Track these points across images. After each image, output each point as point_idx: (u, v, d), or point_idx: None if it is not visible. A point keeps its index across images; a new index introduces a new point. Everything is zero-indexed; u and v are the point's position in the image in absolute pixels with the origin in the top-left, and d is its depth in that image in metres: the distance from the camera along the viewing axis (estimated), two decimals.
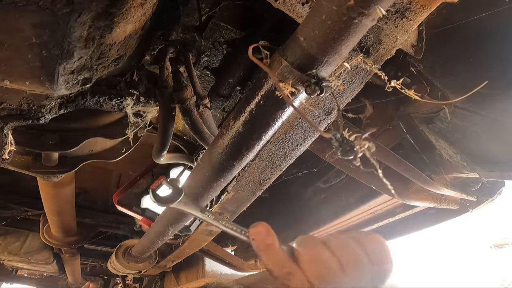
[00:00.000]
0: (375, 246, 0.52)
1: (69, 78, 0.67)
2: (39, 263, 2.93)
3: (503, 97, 0.90)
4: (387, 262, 0.52)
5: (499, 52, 0.83)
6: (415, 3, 0.59)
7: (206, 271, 2.77)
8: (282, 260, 0.50)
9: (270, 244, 0.51)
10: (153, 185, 1.73)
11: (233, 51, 1.28)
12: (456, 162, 1.19)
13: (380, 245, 0.53)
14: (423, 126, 1.20)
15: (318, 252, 0.50)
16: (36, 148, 1.01)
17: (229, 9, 1.20)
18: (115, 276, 4.32)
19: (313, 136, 0.89)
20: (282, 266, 0.50)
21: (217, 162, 0.70)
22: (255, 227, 0.52)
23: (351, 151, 0.40)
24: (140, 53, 0.96)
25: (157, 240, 1.46)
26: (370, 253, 0.51)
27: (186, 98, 0.99)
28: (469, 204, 1.49)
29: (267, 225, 0.52)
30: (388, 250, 0.53)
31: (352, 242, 0.52)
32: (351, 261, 0.49)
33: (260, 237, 0.51)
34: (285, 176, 1.73)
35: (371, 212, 1.85)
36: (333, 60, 0.45)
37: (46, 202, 1.67)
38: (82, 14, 0.54)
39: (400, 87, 0.55)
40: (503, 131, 1.00)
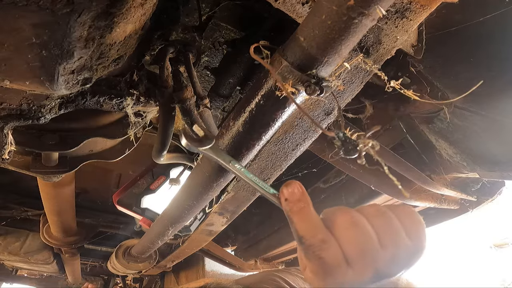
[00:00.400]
0: (412, 220, 0.47)
1: (69, 78, 0.67)
2: (39, 263, 2.93)
3: (503, 97, 0.90)
4: (424, 239, 0.47)
5: (499, 52, 0.83)
6: (415, 3, 0.59)
7: (206, 271, 2.77)
8: (317, 226, 0.45)
9: (305, 206, 0.46)
10: (153, 185, 1.73)
11: (233, 51, 1.28)
12: (456, 162, 1.19)
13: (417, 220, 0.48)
14: (423, 126, 1.20)
15: (355, 218, 0.45)
16: (36, 148, 1.01)
17: (229, 9, 1.20)
18: (115, 276, 4.32)
19: (313, 136, 0.89)
20: (316, 232, 0.44)
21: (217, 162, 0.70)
22: (289, 187, 0.47)
23: (354, 150, 0.40)
24: (140, 53, 0.96)
25: (157, 240, 1.46)
26: (408, 226, 0.46)
27: (186, 98, 0.99)
28: (469, 204, 1.49)
29: (301, 185, 0.47)
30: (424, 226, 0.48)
31: (389, 212, 0.47)
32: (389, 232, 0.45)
33: (294, 197, 0.46)
34: (285, 176, 1.73)
35: None
36: (333, 60, 0.45)
37: (46, 202, 1.67)
38: (82, 14, 0.54)
39: (399, 87, 0.55)
40: (503, 131, 1.00)
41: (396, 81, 0.55)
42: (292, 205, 0.46)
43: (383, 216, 0.46)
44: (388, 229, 0.45)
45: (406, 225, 0.46)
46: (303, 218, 0.45)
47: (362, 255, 0.43)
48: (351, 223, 0.44)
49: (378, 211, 0.47)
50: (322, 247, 0.44)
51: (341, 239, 0.44)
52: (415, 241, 0.46)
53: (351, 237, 0.44)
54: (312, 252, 0.44)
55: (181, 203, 0.99)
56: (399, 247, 0.44)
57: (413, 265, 0.46)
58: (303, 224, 0.45)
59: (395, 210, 0.47)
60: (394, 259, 0.44)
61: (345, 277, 0.44)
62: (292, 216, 0.46)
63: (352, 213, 0.46)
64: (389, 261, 0.44)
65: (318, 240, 0.44)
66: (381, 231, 0.45)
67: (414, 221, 0.47)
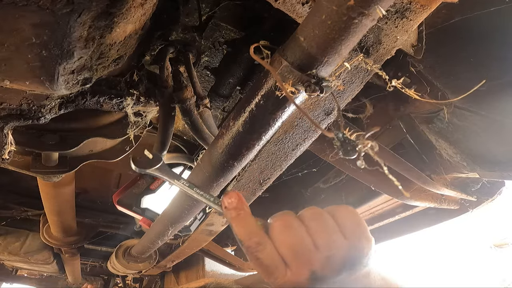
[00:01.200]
0: (350, 220, 0.49)
1: (69, 78, 0.67)
2: (39, 263, 2.93)
3: (503, 97, 0.90)
4: (363, 238, 0.48)
5: (499, 52, 0.83)
6: (415, 3, 0.59)
7: (206, 271, 2.77)
8: (253, 229, 0.48)
9: (241, 213, 0.50)
10: (153, 185, 1.73)
11: (233, 51, 1.28)
12: (456, 162, 1.19)
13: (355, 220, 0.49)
14: (423, 126, 1.20)
15: (289, 221, 0.48)
16: (36, 148, 1.01)
17: (229, 9, 1.20)
18: (115, 276, 4.32)
19: (313, 136, 0.89)
20: (252, 235, 0.48)
21: (217, 162, 0.70)
22: (228, 196, 0.51)
23: (353, 151, 0.40)
24: (140, 53, 0.96)
25: (157, 240, 1.46)
26: (345, 226, 0.48)
27: (186, 98, 0.99)
28: (469, 204, 1.49)
29: (239, 193, 0.51)
30: (364, 225, 0.49)
31: (325, 213, 0.49)
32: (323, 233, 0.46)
33: (232, 206, 0.50)
34: (285, 176, 1.74)
35: (371, 212, 1.85)
36: (333, 60, 0.45)
37: (46, 202, 1.67)
38: (82, 14, 0.54)
39: (400, 86, 0.55)
40: (503, 131, 1.00)
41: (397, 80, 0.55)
42: (230, 212, 0.50)
43: (318, 218, 0.48)
44: (322, 231, 0.47)
45: (342, 225, 0.48)
46: (240, 224, 0.49)
47: (296, 256, 0.46)
48: (284, 226, 0.47)
49: (314, 214, 0.49)
50: (257, 249, 0.47)
51: (276, 242, 0.47)
52: (351, 240, 0.47)
53: (283, 240, 0.47)
54: (251, 253, 0.48)
55: (181, 203, 0.99)
56: (333, 247, 0.46)
57: (355, 264, 0.47)
58: (241, 229, 0.49)
59: (333, 211, 0.49)
60: (329, 259, 0.46)
61: (285, 277, 0.46)
62: (231, 222, 0.50)
63: (287, 217, 0.49)
64: (324, 262, 0.45)
65: (253, 243, 0.47)
66: (315, 233, 0.47)
67: (352, 221, 0.49)
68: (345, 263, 0.47)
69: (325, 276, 0.46)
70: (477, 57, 0.86)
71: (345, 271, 0.47)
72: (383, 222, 1.80)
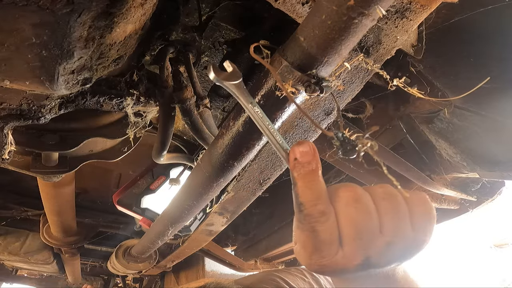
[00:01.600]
0: (423, 210, 0.43)
1: (69, 78, 0.67)
2: (39, 263, 2.93)
3: (503, 97, 0.90)
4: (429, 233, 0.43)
5: (499, 52, 0.83)
6: (415, 3, 0.59)
7: (206, 271, 2.77)
8: (321, 195, 0.40)
9: (313, 170, 0.41)
10: (153, 185, 1.73)
11: (233, 51, 1.28)
12: (456, 162, 1.19)
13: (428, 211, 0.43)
14: (423, 126, 1.20)
15: (359, 195, 0.41)
16: (36, 148, 1.01)
17: (229, 9, 1.20)
18: (115, 276, 4.32)
19: (313, 136, 0.89)
20: (318, 202, 0.40)
21: (217, 162, 0.70)
22: (301, 146, 0.42)
23: (353, 151, 0.39)
24: (140, 53, 0.96)
25: (157, 240, 1.46)
26: (416, 216, 0.42)
27: (186, 98, 0.99)
28: (469, 204, 1.49)
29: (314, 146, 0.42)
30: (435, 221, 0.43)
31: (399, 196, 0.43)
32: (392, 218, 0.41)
33: (305, 159, 0.41)
34: (285, 176, 1.73)
35: None
36: (333, 60, 0.45)
37: (46, 202, 1.67)
38: (82, 14, 0.54)
39: (403, 85, 0.55)
40: (503, 131, 1.00)
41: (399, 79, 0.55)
42: (300, 166, 0.41)
43: (391, 199, 0.42)
44: (392, 214, 0.41)
45: (414, 214, 0.42)
46: (308, 184, 0.41)
47: (358, 237, 0.40)
48: (354, 200, 0.41)
49: (387, 193, 0.42)
50: (319, 220, 0.40)
51: (340, 215, 0.41)
52: (418, 233, 0.42)
53: (350, 214, 0.40)
54: (308, 223, 0.40)
55: (181, 203, 0.99)
56: (398, 236, 0.41)
57: (410, 258, 0.43)
58: (307, 190, 0.41)
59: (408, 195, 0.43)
60: (389, 248, 0.41)
61: (333, 258, 0.40)
62: (297, 178, 0.41)
63: (358, 190, 0.42)
64: (383, 249, 0.40)
65: (317, 211, 0.40)
66: (384, 215, 0.41)
67: (425, 211, 0.43)
68: (403, 254, 0.42)
69: (377, 264, 0.41)
70: (477, 57, 0.86)
71: (397, 263, 0.43)
72: None
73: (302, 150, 0.41)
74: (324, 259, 0.41)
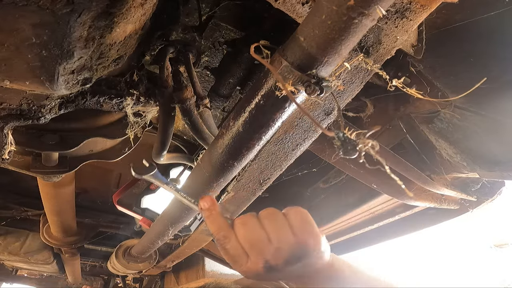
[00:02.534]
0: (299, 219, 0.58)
1: (69, 78, 0.67)
2: (39, 263, 2.93)
3: (503, 97, 0.90)
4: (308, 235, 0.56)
5: (499, 52, 0.83)
6: (415, 3, 0.59)
7: (206, 271, 2.77)
8: (221, 225, 0.59)
9: (213, 212, 0.61)
10: (153, 185, 1.73)
11: (233, 51, 1.28)
12: (456, 162, 1.19)
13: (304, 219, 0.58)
14: (423, 126, 1.20)
15: (246, 219, 0.59)
16: (36, 148, 1.01)
17: (229, 9, 1.20)
18: (115, 276, 4.32)
19: (313, 136, 0.89)
20: (220, 230, 0.59)
21: (217, 162, 0.70)
22: (203, 199, 0.63)
23: (354, 150, 0.40)
24: (140, 53, 0.96)
25: (157, 240, 1.46)
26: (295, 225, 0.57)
27: (186, 98, 0.99)
28: (469, 204, 1.49)
29: (212, 197, 0.64)
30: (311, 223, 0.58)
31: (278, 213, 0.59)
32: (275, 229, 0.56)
33: (205, 207, 0.62)
34: (285, 176, 1.73)
35: (371, 212, 1.85)
36: (333, 60, 0.45)
37: (46, 202, 1.67)
38: (82, 14, 0.54)
39: (402, 86, 0.55)
40: (503, 131, 1.00)
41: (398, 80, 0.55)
42: (204, 212, 0.62)
43: (271, 216, 0.58)
44: (273, 227, 0.56)
45: (292, 224, 0.57)
46: (212, 221, 0.60)
47: (252, 247, 0.56)
48: (242, 223, 0.58)
49: (268, 213, 0.59)
50: (225, 241, 0.58)
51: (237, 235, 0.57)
52: (298, 236, 0.56)
53: (241, 233, 0.57)
54: (220, 245, 0.59)
55: (181, 203, 0.99)
56: (282, 241, 0.55)
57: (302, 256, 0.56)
58: (211, 225, 0.60)
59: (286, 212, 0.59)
60: (279, 252, 0.55)
61: (246, 265, 0.56)
62: (206, 220, 0.62)
63: (246, 216, 0.59)
64: (274, 252, 0.55)
65: (221, 236, 0.58)
66: (268, 229, 0.56)
67: (300, 220, 0.58)
68: (293, 254, 0.55)
69: (277, 265, 0.55)
70: (477, 57, 0.86)
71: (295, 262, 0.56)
72: (383, 222, 1.80)
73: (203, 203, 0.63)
74: (242, 267, 0.57)
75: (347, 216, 1.88)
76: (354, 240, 2.11)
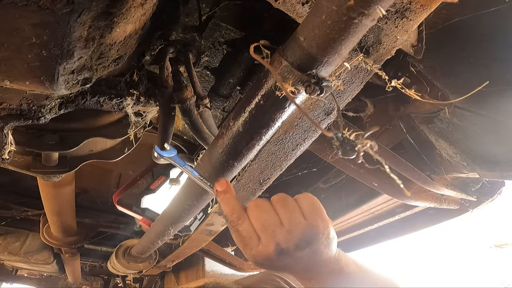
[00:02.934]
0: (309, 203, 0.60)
1: (69, 78, 0.67)
2: (39, 263, 2.93)
3: (504, 97, 0.90)
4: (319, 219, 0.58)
5: (499, 52, 0.83)
6: (415, 3, 0.59)
7: (206, 271, 2.77)
8: (235, 208, 0.60)
9: (228, 194, 0.62)
10: (153, 185, 1.73)
11: (233, 51, 1.28)
12: (456, 162, 1.19)
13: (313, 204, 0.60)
14: (423, 126, 1.20)
15: (259, 202, 0.60)
16: (36, 148, 1.01)
17: (229, 9, 1.20)
18: (115, 276, 4.32)
19: (313, 136, 0.89)
20: (234, 212, 0.60)
21: (217, 162, 0.70)
22: (218, 183, 0.64)
23: (353, 151, 0.40)
24: (140, 53, 0.96)
25: (157, 240, 1.46)
26: (305, 209, 0.59)
27: (186, 98, 0.99)
28: (469, 204, 1.49)
29: (227, 181, 0.65)
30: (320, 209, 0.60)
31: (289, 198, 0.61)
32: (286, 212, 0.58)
33: (221, 189, 0.63)
34: (285, 176, 1.73)
35: (371, 212, 1.85)
36: (333, 60, 0.45)
37: (46, 202, 1.67)
38: (82, 14, 0.54)
39: (400, 86, 0.55)
40: (503, 131, 1.00)
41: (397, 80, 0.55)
42: (219, 194, 0.63)
43: (283, 200, 0.60)
44: (285, 210, 0.58)
45: (302, 207, 0.59)
46: (226, 203, 0.61)
47: (265, 229, 0.57)
48: (255, 205, 0.60)
49: (280, 197, 0.61)
50: (237, 222, 0.59)
51: (250, 217, 0.59)
52: (309, 220, 0.58)
53: (254, 214, 0.58)
54: (232, 226, 0.60)
55: (181, 203, 0.99)
56: (294, 223, 0.57)
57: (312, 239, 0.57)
58: (226, 206, 0.61)
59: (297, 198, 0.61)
60: (291, 234, 0.56)
61: (257, 248, 0.57)
62: (220, 202, 0.63)
63: (259, 200, 0.61)
64: (286, 235, 0.56)
65: (235, 217, 0.59)
66: (279, 212, 0.58)
67: (311, 205, 0.59)
68: (304, 237, 0.56)
69: (288, 248, 0.56)
70: (477, 57, 0.86)
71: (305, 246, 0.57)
72: (383, 222, 1.80)
73: (219, 185, 0.64)
74: (252, 250, 0.58)
75: (347, 216, 1.88)
76: (354, 240, 2.12)
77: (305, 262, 0.58)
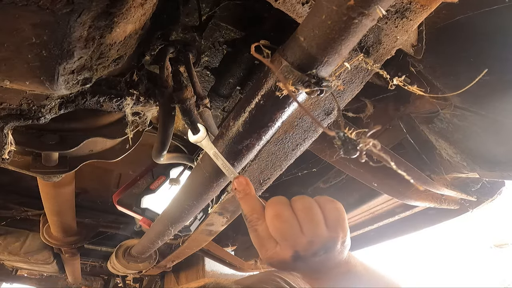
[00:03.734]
0: (334, 213, 0.58)
1: (69, 78, 0.67)
2: (39, 263, 2.93)
3: (504, 97, 0.90)
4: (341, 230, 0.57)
5: (500, 52, 0.83)
6: (415, 3, 0.59)
7: (206, 271, 2.77)
8: (255, 207, 0.59)
9: (248, 192, 0.60)
10: (153, 185, 1.73)
11: (233, 51, 1.28)
12: (456, 162, 1.19)
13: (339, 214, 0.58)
14: (423, 126, 1.20)
15: (280, 211, 0.57)
16: (36, 148, 1.01)
17: (229, 9, 1.20)
18: (115, 276, 4.32)
19: (313, 136, 0.89)
20: (254, 211, 0.59)
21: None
22: (237, 180, 0.62)
23: (354, 150, 0.39)
24: (140, 53, 0.96)
25: (157, 240, 1.46)
26: (329, 218, 0.57)
27: (186, 98, 0.99)
28: (469, 204, 1.49)
29: (247, 179, 0.62)
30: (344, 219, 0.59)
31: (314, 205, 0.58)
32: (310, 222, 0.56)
33: (241, 188, 0.61)
34: (285, 176, 1.73)
35: (371, 212, 1.85)
36: (333, 60, 0.45)
37: (46, 202, 1.67)
38: (82, 14, 0.54)
39: (403, 84, 0.55)
40: (503, 131, 1.00)
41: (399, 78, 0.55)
42: (238, 193, 0.61)
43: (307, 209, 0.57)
44: (310, 220, 0.56)
45: (327, 217, 0.57)
46: (246, 202, 0.60)
47: (283, 239, 0.56)
48: (274, 216, 0.56)
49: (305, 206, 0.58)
50: (257, 222, 0.58)
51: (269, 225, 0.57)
52: (331, 231, 0.57)
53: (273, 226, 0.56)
54: (251, 226, 0.58)
55: (181, 203, 0.99)
56: (316, 235, 0.56)
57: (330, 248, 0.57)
58: (246, 206, 0.60)
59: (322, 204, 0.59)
60: (311, 244, 0.55)
61: (274, 250, 0.56)
62: (239, 200, 0.61)
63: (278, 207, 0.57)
64: (307, 245, 0.55)
65: (254, 217, 0.58)
66: (303, 221, 0.56)
67: (336, 214, 0.58)
68: (323, 247, 0.56)
69: (306, 256, 0.56)
70: (477, 57, 0.86)
71: (322, 254, 0.57)
72: (383, 222, 1.80)
73: (238, 183, 0.62)
74: (268, 251, 0.57)
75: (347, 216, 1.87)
76: (354, 240, 2.11)
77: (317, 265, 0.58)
